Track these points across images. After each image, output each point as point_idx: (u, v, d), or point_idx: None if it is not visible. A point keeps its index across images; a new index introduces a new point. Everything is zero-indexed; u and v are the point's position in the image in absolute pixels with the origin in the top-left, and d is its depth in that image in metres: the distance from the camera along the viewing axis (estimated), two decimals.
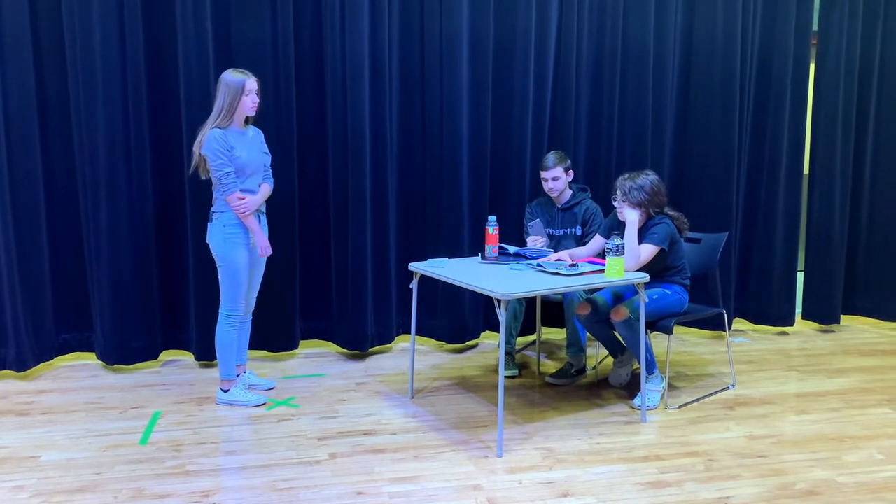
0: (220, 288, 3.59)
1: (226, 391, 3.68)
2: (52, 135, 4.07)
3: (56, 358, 4.26)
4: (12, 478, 2.87)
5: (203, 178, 3.57)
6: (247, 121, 3.61)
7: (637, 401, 3.64)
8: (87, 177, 4.02)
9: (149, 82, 4.09)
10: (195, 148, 3.51)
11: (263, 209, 3.70)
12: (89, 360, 4.35)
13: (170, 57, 4.11)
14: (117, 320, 4.11)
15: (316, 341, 4.66)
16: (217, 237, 3.52)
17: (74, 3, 3.90)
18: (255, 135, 3.65)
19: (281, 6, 4.14)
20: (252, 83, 3.51)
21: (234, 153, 3.46)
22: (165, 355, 4.43)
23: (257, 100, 3.55)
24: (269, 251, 3.60)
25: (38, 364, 4.10)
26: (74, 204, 4.14)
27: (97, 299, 4.12)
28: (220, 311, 3.61)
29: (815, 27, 4.95)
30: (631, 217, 3.57)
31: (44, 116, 4.04)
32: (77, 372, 4.17)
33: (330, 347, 4.66)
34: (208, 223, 3.57)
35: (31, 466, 2.97)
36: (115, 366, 4.19)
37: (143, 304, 4.16)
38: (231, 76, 3.47)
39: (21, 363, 3.98)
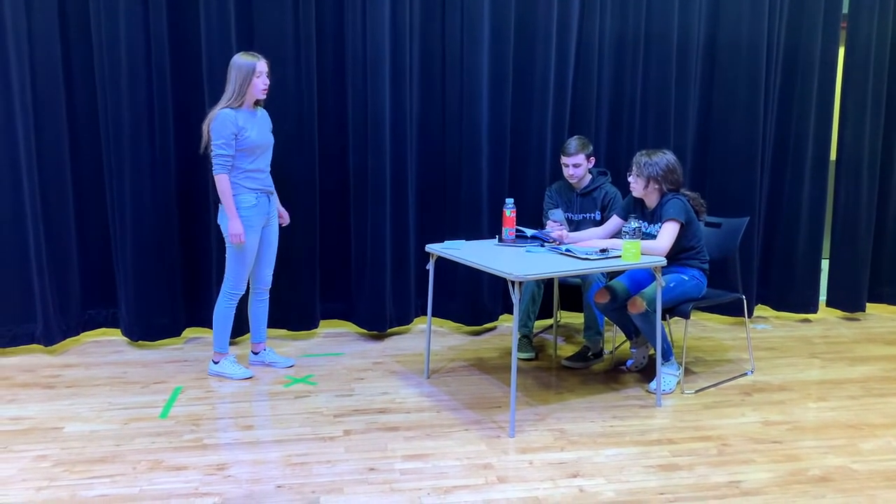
0: (227, 266, 3.65)
1: (216, 363, 3.79)
2: (79, 117, 4.14)
3: (82, 333, 4.36)
4: (36, 447, 2.96)
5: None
6: (256, 103, 3.64)
7: (653, 385, 3.63)
8: (113, 158, 4.09)
9: (172, 66, 4.13)
10: (205, 126, 3.55)
11: (272, 189, 3.74)
12: (115, 335, 4.44)
13: (193, 41, 4.14)
14: (141, 297, 4.19)
15: (336, 321, 4.71)
16: (226, 219, 3.56)
17: None
18: (263, 115, 3.69)
19: None
20: (262, 65, 3.54)
21: (245, 133, 3.51)
22: (189, 332, 4.51)
23: (268, 82, 3.58)
24: (241, 240, 3.55)
25: (64, 339, 4.20)
26: (100, 183, 4.21)
27: (122, 276, 4.21)
28: (222, 287, 3.69)
29: (844, 10, 4.85)
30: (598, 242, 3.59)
31: (71, 101, 4.11)
32: (102, 347, 4.27)
33: (350, 328, 4.70)
34: (219, 204, 3.61)
35: (54, 437, 3.06)
36: (140, 342, 4.28)
37: (167, 282, 4.24)
38: (242, 59, 3.51)
39: (48, 338, 4.08)
